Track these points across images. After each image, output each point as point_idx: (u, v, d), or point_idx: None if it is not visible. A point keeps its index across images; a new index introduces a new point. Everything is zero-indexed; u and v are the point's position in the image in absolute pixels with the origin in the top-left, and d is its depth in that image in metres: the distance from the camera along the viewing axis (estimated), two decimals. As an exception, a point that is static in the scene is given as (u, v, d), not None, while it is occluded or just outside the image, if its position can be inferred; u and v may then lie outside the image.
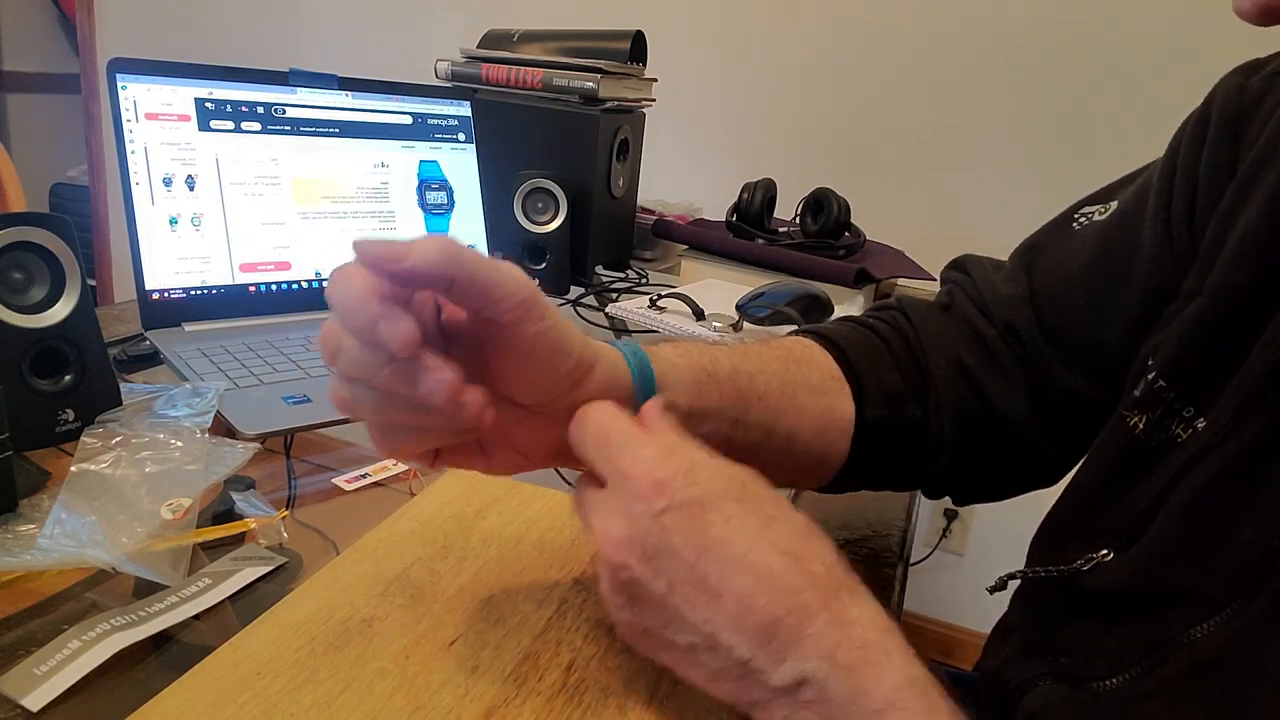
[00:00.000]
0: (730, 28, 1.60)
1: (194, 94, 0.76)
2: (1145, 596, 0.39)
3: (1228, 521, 0.36)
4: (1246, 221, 0.39)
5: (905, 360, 0.51)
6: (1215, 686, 0.35)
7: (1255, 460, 0.36)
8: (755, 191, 1.18)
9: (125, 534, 0.43)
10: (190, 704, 0.34)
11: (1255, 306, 0.38)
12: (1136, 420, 0.42)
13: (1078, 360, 0.48)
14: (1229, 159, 0.42)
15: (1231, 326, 0.39)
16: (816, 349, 0.49)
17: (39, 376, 0.52)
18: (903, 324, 0.53)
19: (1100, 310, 0.47)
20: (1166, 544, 0.38)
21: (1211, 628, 0.36)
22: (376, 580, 0.42)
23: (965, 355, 0.50)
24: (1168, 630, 0.37)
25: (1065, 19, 1.39)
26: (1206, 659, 0.35)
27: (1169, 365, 0.41)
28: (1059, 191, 0.53)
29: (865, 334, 0.52)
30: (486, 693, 0.35)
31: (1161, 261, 0.44)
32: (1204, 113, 0.45)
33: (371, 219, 0.86)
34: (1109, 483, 0.43)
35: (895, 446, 0.49)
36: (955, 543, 1.66)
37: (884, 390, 0.48)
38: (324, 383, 0.67)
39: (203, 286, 0.76)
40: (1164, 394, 0.41)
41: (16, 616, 0.39)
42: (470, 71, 1.13)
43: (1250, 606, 0.35)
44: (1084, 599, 0.42)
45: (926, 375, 0.50)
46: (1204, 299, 0.40)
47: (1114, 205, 0.49)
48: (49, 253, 0.53)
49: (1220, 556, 0.36)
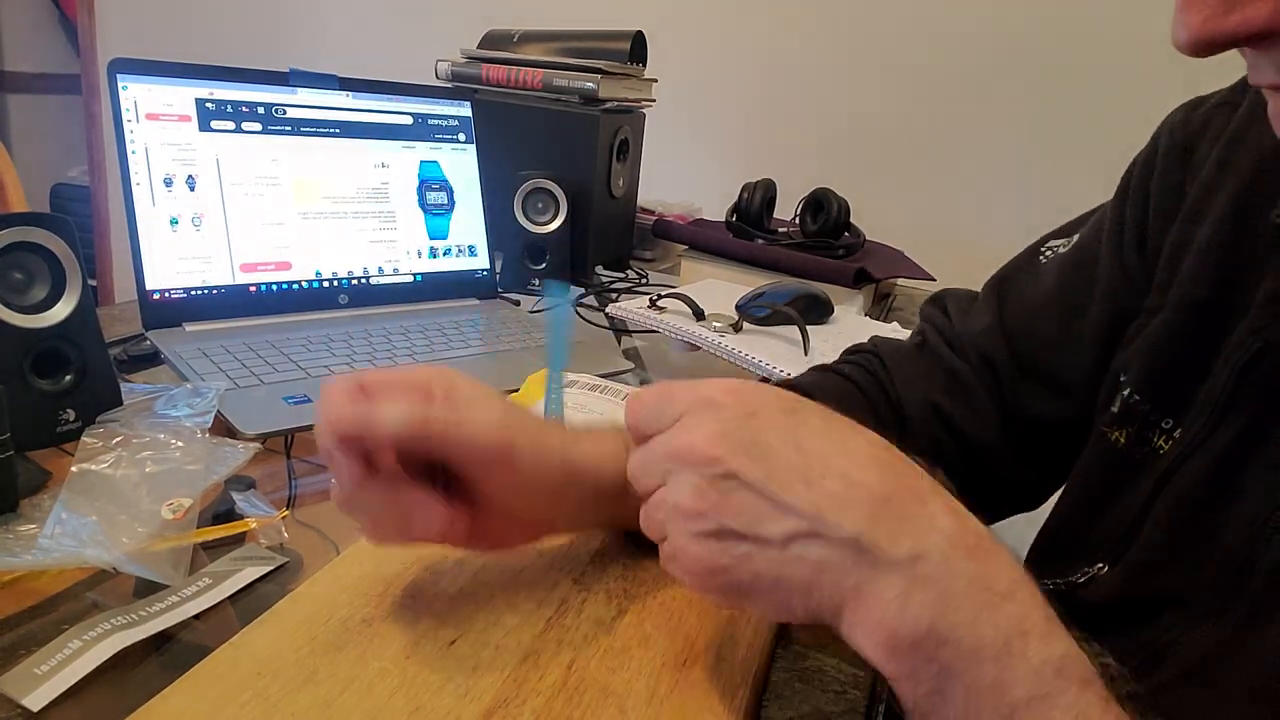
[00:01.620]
0: (730, 28, 1.60)
1: (194, 94, 0.76)
2: (1137, 605, 0.40)
3: (1209, 528, 0.37)
4: (1201, 239, 0.41)
5: (880, 405, 0.53)
6: (1206, 690, 0.35)
7: (1229, 467, 0.37)
8: (755, 191, 1.18)
9: (126, 534, 0.43)
10: (190, 704, 0.33)
11: (1216, 318, 0.39)
12: (1118, 436, 0.43)
13: (1049, 385, 0.50)
14: (1177, 184, 0.45)
15: (1196, 338, 0.40)
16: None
17: (40, 376, 0.52)
18: (877, 368, 0.55)
19: (1066, 336, 0.49)
20: (1154, 553, 0.39)
21: (1201, 633, 0.36)
22: (377, 580, 0.42)
23: (938, 395, 0.52)
24: (1160, 637, 0.38)
25: (1065, 19, 1.39)
26: (1196, 663, 0.36)
27: (1141, 379, 0.43)
28: (1058, 191, 0.54)
29: (840, 382, 0.53)
30: (487, 693, 0.35)
31: (1117, 285, 0.47)
32: (1151, 148, 0.48)
33: (372, 219, 0.86)
34: (1097, 498, 0.44)
35: None
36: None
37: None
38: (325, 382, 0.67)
39: (203, 286, 0.76)
40: (1139, 407, 0.42)
41: (17, 616, 0.39)
42: (470, 72, 1.13)
43: (1234, 611, 0.35)
44: (1079, 611, 0.43)
45: (902, 418, 0.52)
46: (1167, 313, 0.42)
47: (1075, 239, 0.52)
48: (50, 253, 0.53)
49: (1204, 562, 0.37)
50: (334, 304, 0.83)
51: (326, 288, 0.83)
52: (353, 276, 0.85)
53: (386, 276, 0.87)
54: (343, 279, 0.84)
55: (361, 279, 0.85)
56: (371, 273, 0.86)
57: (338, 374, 0.69)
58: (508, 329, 0.87)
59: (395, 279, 0.88)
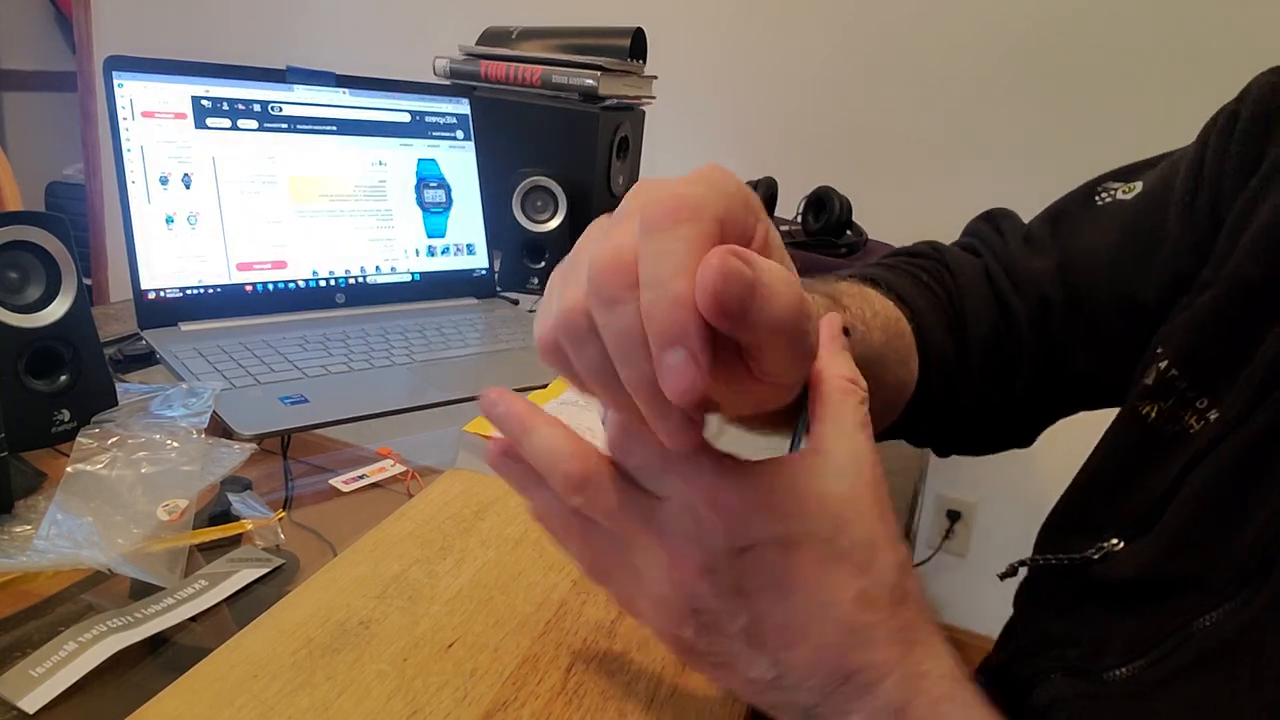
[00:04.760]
0: (731, 24, 1.59)
1: (190, 92, 0.75)
2: (1155, 586, 0.39)
3: (1238, 512, 0.37)
4: (1264, 215, 0.40)
5: (958, 331, 0.51)
6: (1224, 675, 0.35)
7: (1265, 452, 0.36)
8: (756, 189, 1.17)
9: (121, 535, 0.43)
10: (187, 706, 0.33)
11: (1268, 299, 0.38)
12: (1149, 410, 0.42)
13: (1095, 339, 0.49)
14: (1256, 153, 0.42)
15: (1244, 318, 0.39)
16: (903, 319, 0.49)
17: (34, 376, 0.52)
18: (952, 289, 0.52)
19: (1123, 292, 0.47)
20: (1177, 534, 0.39)
21: (1220, 616, 0.36)
22: (374, 582, 0.42)
23: (999, 330, 0.51)
24: (1177, 620, 0.37)
25: (1068, 17, 1.38)
26: (1215, 648, 0.35)
27: (1181, 355, 0.41)
28: (1062, 189, 0.54)
29: (933, 302, 0.51)
30: (485, 695, 0.35)
31: (1185, 251, 0.45)
32: (1235, 107, 0.45)
33: (369, 217, 0.86)
34: (1121, 472, 0.44)
35: (928, 412, 0.50)
36: (957, 544, 1.66)
37: (939, 361, 0.49)
38: (321, 383, 0.66)
39: (199, 286, 0.75)
40: (1176, 383, 0.41)
41: (12, 618, 0.39)
42: (469, 69, 1.12)
43: (1259, 596, 0.35)
44: (1093, 588, 0.42)
45: (969, 349, 0.51)
46: (1216, 289, 0.41)
47: (1139, 186, 0.49)
48: (45, 252, 0.52)
49: (1230, 546, 0.36)
50: (331, 303, 0.83)
51: (323, 287, 0.83)
52: (350, 275, 0.84)
53: (384, 275, 0.87)
54: (340, 278, 0.84)
55: (359, 278, 0.85)
56: (369, 271, 0.86)
57: (336, 367, 0.69)
58: (507, 328, 0.86)
59: (393, 278, 0.87)
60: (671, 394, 0.23)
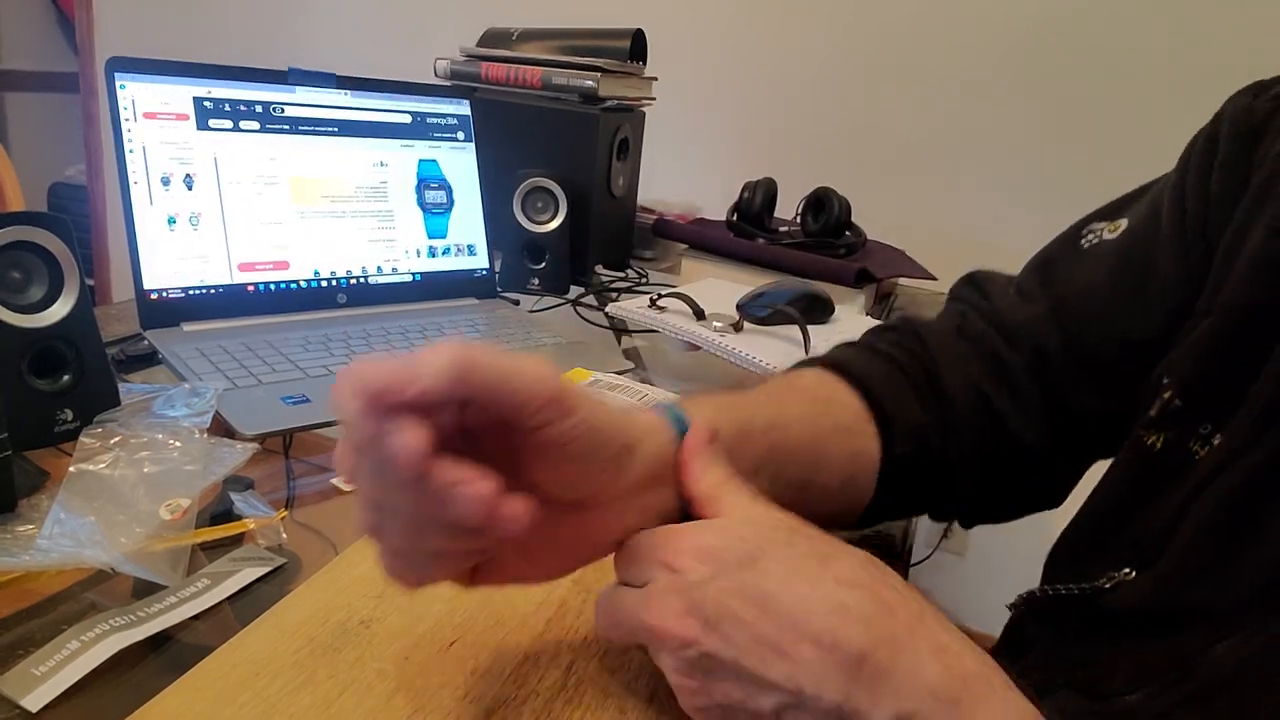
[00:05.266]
0: (731, 26, 1.59)
1: (192, 93, 0.76)
2: (1165, 614, 0.39)
3: (1245, 539, 0.36)
4: (1256, 240, 0.39)
5: (927, 393, 0.50)
6: (1235, 704, 0.35)
7: (1270, 477, 0.36)
8: (756, 191, 1.17)
9: (124, 534, 0.43)
10: (189, 705, 0.33)
11: (1267, 324, 0.38)
12: (1154, 440, 0.42)
13: (1100, 379, 0.48)
14: (1239, 177, 0.42)
15: (1244, 344, 0.39)
16: (842, 388, 0.48)
17: (37, 376, 0.52)
18: (920, 353, 0.52)
19: (1120, 330, 0.47)
20: (1185, 562, 0.38)
21: (1231, 645, 0.35)
22: (375, 581, 0.42)
23: (987, 384, 0.49)
24: (1188, 648, 0.37)
25: (1067, 19, 1.38)
26: (1226, 676, 0.35)
27: (1183, 383, 0.41)
28: (1061, 191, 0.54)
29: (888, 368, 0.50)
30: (486, 694, 0.35)
31: (1180, 281, 0.44)
32: (1213, 131, 0.45)
33: (370, 218, 0.86)
34: (1128, 502, 0.43)
35: (918, 480, 0.48)
36: (955, 543, 1.65)
37: (910, 426, 0.48)
38: (323, 382, 0.67)
39: (201, 286, 0.75)
40: (1180, 413, 0.41)
41: (15, 617, 0.39)
42: (469, 70, 1.12)
43: (1270, 624, 0.35)
44: (1104, 617, 0.42)
45: (948, 406, 0.49)
46: (1215, 317, 0.40)
47: (1124, 224, 0.49)
48: (47, 252, 0.53)
49: (1238, 574, 0.36)
50: (332, 303, 0.83)
51: (325, 287, 0.83)
52: (351, 276, 0.85)
53: (385, 276, 0.87)
54: (341, 278, 0.84)
55: (360, 278, 0.85)
56: (370, 272, 0.86)
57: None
58: (507, 328, 0.86)
59: (394, 278, 0.88)
60: (403, 468, 0.26)
